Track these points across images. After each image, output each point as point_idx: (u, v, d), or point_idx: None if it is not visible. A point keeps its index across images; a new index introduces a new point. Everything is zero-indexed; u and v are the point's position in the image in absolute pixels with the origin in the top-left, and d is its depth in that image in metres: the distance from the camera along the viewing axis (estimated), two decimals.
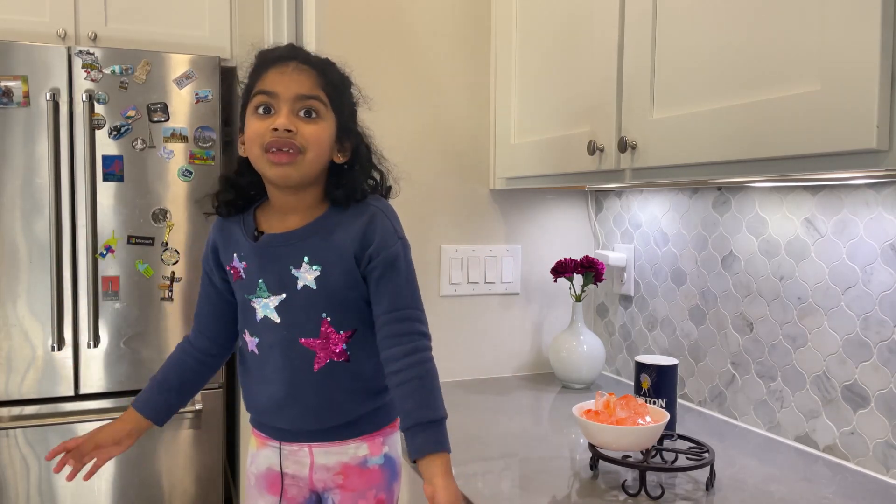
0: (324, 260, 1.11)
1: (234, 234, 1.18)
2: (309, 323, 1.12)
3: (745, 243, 1.47)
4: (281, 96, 1.07)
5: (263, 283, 1.13)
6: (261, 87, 1.08)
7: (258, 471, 1.21)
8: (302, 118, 1.08)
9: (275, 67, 1.09)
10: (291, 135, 1.06)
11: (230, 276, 1.18)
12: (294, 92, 1.07)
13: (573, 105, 1.45)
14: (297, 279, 1.11)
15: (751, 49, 1.01)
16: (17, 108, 2.25)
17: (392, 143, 1.72)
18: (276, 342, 1.14)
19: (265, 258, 1.13)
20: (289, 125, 1.05)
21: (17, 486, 2.29)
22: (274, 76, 1.08)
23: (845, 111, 0.86)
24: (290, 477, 1.19)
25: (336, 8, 1.68)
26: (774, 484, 1.16)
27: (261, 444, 1.21)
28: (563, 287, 1.90)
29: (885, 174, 1.00)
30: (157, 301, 2.42)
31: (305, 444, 1.17)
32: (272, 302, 1.13)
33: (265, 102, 1.08)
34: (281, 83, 1.07)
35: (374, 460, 1.18)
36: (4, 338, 2.28)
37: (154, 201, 2.40)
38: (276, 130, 1.05)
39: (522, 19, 1.65)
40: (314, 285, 1.11)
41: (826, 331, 1.30)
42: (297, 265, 1.11)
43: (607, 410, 1.17)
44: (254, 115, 1.09)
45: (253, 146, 1.09)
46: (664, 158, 1.18)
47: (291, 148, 1.06)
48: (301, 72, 1.08)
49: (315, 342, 1.12)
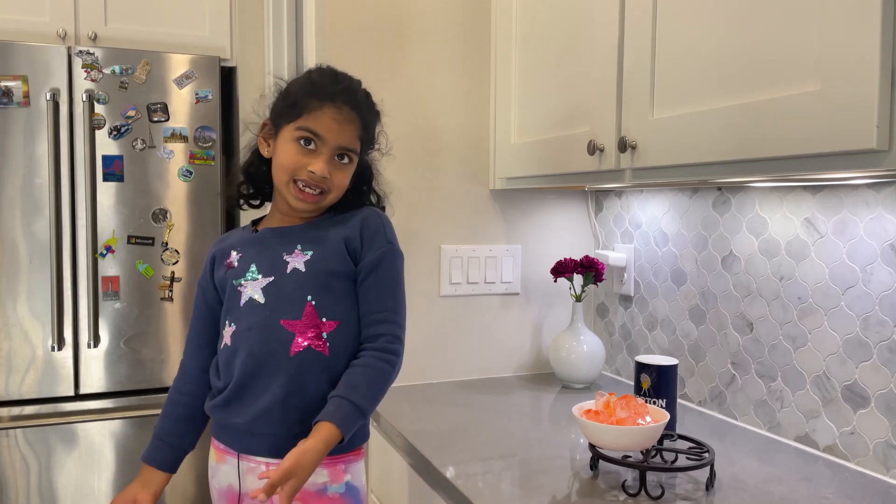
0: (315, 246, 1.17)
1: (233, 236, 1.26)
2: (293, 305, 1.14)
3: (745, 243, 1.47)
4: (327, 142, 1.14)
5: (255, 266, 1.18)
6: (310, 126, 1.13)
7: (219, 486, 1.21)
8: (336, 162, 1.16)
9: (330, 108, 1.13)
10: (325, 181, 1.14)
11: (224, 273, 1.21)
12: (339, 143, 1.14)
13: (573, 105, 1.45)
14: (287, 263, 1.16)
15: (751, 49, 1.01)
16: (17, 108, 2.25)
17: (392, 143, 1.73)
18: (255, 324, 1.14)
19: (261, 246, 1.20)
20: (325, 173, 1.13)
21: (17, 486, 2.29)
22: (327, 121, 1.13)
23: (845, 111, 0.86)
24: (248, 498, 1.16)
25: (336, 8, 1.68)
26: (774, 484, 1.16)
27: (220, 457, 1.20)
28: (563, 287, 1.90)
29: (885, 174, 1.00)
30: (157, 301, 2.42)
31: (263, 459, 1.14)
32: (260, 283, 1.16)
33: (311, 139, 1.14)
34: (331, 130, 1.13)
35: (334, 488, 1.15)
36: (4, 338, 2.27)
37: (154, 201, 2.40)
38: (313, 174, 1.13)
39: (522, 20, 1.65)
40: (303, 268, 1.16)
41: (826, 331, 1.30)
42: (290, 252, 1.17)
43: (607, 410, 1.17)
44: (293, 143, 1.14)
45: (283, 172, 1.15)
46: (664, 158, 1.18)
47: (320, 190, 1.15)
48: (351, 122, 1.15)
49: (296, 324, 1.13)
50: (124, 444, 2.40)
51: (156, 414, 2.38)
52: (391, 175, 1.71)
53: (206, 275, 1.25)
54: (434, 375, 1.80)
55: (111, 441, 2.39)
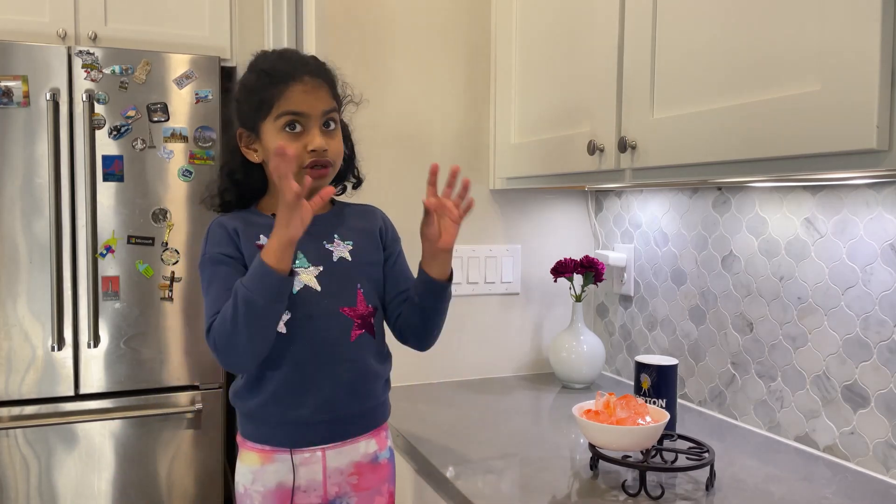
0: (353, 237, 1.21)
1: (253, 220, 1.17)
2: (348, 292, 1.18)
3: (745, 243, 1.47)
4: (312, 115, 1.12)
5: (303, 254, 1.16)
6: (289, 108, 1.11)
7: (266, 489, 1.15)
8: (327, 132, 1.14)
9: (296, 85, 1.12)
10: (326, 153, 1.13)
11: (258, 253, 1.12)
12: (320, 109, 1.13)
13: (573, 105, 1.45)
14: (331, 252, 1.18)
15: (751, 49, 1.01)
16: (17, 108, 2.25)
17: (392, 143, 1.74)
18: (315, 313, 1.14)
19: None
20: (324, 145, 1.12)
21: (17, 486, 2.29)
22: (298, 95, 1.11)
23: (845, 111, 0.86)
24: (301, 491, 1.16)
25: (336, 8, 1.68)
26: (774, 484, 1.16)
27: (266, 458, 1.15)
28: (563, 287, 1.90)
29: (885, 174, 1.00)
30: (157, 301, 2.42)
31: (318, 447, 1.16)
32: (312, 272, 1.16)
33: (295, 121, 1.12)
34: (307, 103, 1.12)
35: (382, 454, 1.22)
36: (4, 338, 2.27)
37: (154, 201, 2.40)
38: (315, 151, 1.12)
39: (522, 19, 1.65)
40: (349, 257, 1.19)
41: (826, 331, 1.30)
42: (330, 240, 1.19)
43: (607, 410, 1.17)
44: (283, 133, 1.12)
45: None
46: (664, 158, 1.18)
47: (327, 164, 1.14)
48: (319, 87, 1.13)
49: (353, 311, 1.17)
50: (124, 444, 2.40)
51: (156, 414, 2.41)
52: (391, 175, 1.73)
53: (232, 247, 1.14)
54: (434, 375, 1.80)
55: (111, 441, 2.39)
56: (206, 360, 2.48)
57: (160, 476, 2.45)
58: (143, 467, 2.43)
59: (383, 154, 1.73)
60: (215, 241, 1.15)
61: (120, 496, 2.41)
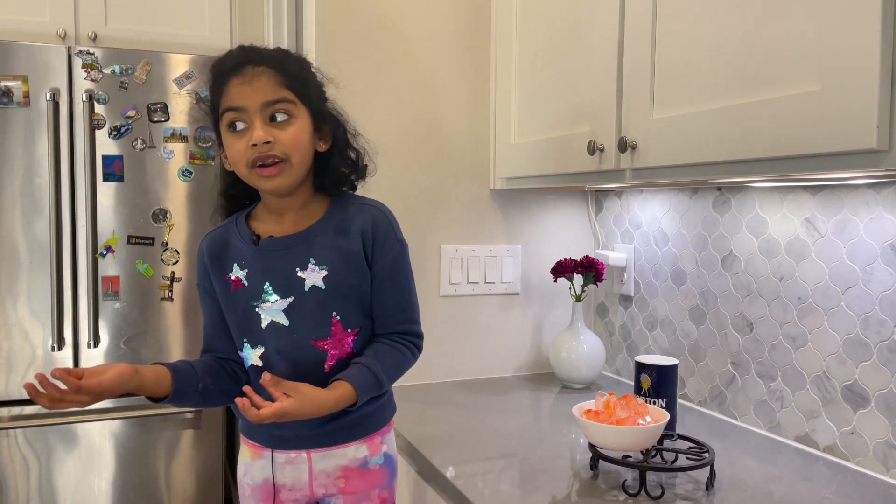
0: (330, 260, 1.11)
1: (230, 244, 1.16)
2: (319, 324, 1.11)
3: (745, 243, 1.47)
4: (249, 109, 1.05)
5: (270, 286, 1.11)
6: (227, 104, 1.06)
7: (254, 482, 1.19)
8: (276, 124, 1.06)
9: (233, 78, 1.06)
10: (271, 146, 1.05)
11: (226, 288, 1.15)
12: (260, 101, 1.05)
13: (573, 105, 1.45)
14: (303, 280, 1.11)
15: (751, 49, 1.01)
16: (17, 108, 2.25)
17: (392, 143, 1.74)
18: (283, 347, 1.12)
19: (269, 261, 1.12)
20: (265, 137, 1.04)
21: (17, 486, 2.29)
22: (235, 89, 1.05)
23: (845, 111, 0.86)
24: (286, 489, 1.17)
25: (336, 8, 1.68)
26: (774, 484, 1.16)
27: (254, 454, 1.19)
28: (563, 287, 1.90)
29: (885, 174, 1.00)
30: (157, 301, 2.42)
31: (303, 450, 1.15)
32: (280, 305, 1.11)
33: (235, 119, 1.06)
34: (243, 95, 1.05)
35: (374, 460, 1.18)
36: (4, 338, 2.28)
37: (154, 201, 2.40)
38: (255, 146, 1.04)
39: (522, 19, 1.65)
40: (323, 285, 1.11)
41: (826, 331, 1.30)
42: (303, 266, 1.11)
43: (607, 410, 1.17)
44: (229, 133, 1.08)
45: (239, 165, 1.09)
46: (664, 158, 1.18)
47: (275, 159, 1.06)
48: (259, 76, 1.05)
49: (326, 342, 1.12)
50: (124, 444, 2.40)
51: (156, 414, 2.41)
52: (391, 175, 1.72)
53: (206, 278, 1.17)
54: (434, 375, 1.80)
55: (111, 441, 2.39)
56: None
57: (160, 476, 2.45)
58: (143, 467, 2.43)
59: (382, 154, 1.73)
60: (197, 268, 1.21)
61: (120, 496, 2.41)
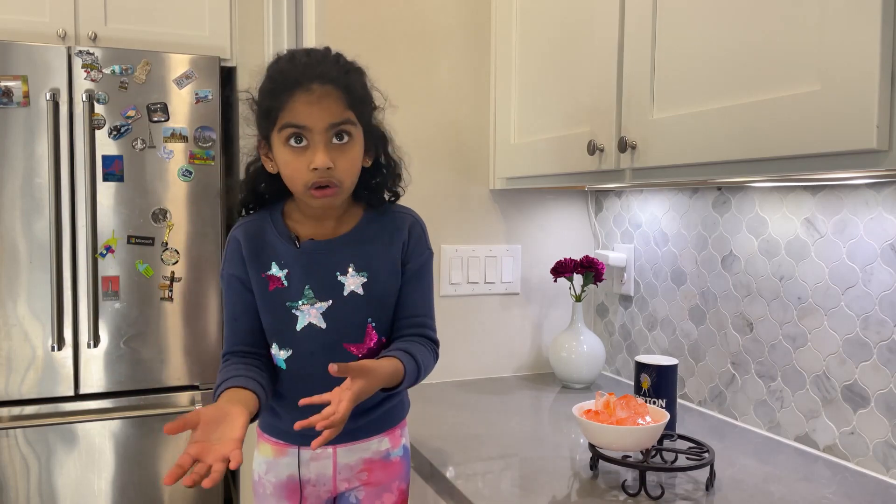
0: (370, 267, 1.13)
1: (268, 241, 1.14)
2: (355, 328, 1.13)
3: (745, 243, 1.47)
4: (314, 129, 1.03)
5: (310, 289, 1.12)
6: (290, 120, 1.03)
7: (277, 479, 1.19)
8: (336, 146, 1.05)
9: (300, 94, 1.02)
10: (331, 172, 1.04)
11: (263, 286, 1.13)
12: (327, 122, 1.03)
13: (573, 105, 1.45)
14: (343, 285, 1.12)
15: (751, 49, 1.01)
16: (17, 108, 2.25)
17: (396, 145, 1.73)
18: (318, 349, 1.12)
19: (310, 264, 1.12)
20: (328, 163, 1.03)
21: (17, 486, 2.29)
22: (301, 107, 1.02)
23: (845, 111, 0.86)
24: (310, 484, 1.18)
25: (335, 8, 1.68)
26: (774, 484, 1.16)
27: (279, 451, 1.19)
28: (563, 287, 1.90)
29: (885, 174, 1.00)
30: (157, 301, 2.42)
31: (329, 446, 1.17)
32: (319, 308, 1.12)
33: (297, 134, 1.04)
34: (310, 115, 1.02)
35: (395, 452, 1.21)
36: (4, 338, 2.28)
37: (154, 201, 2.40)
38: (317, 170, 1.03)
39: (522, 19, 1.65)
40: (361, 291, 1.13)
41: (826, 331, 1.30)
42: (343, 271, 1.12)
43: (607, 410, 1.17)
44: (286, 147, 1.05)
45: (295, 182, 1.07)
46: (664, 158, 1.18)
47: (332, 184, 1.06)
48: (327, 96, 1.03)
49: (358, 347, 1.14)
50: (124, 444, 2.40)
51: (156, 414, 2.41)
52: None
53: (241, 267, 1.13)
54: (434, 375, 1.80)
55: (111, 441, 2.39)
56: (206, 360, 2.48)
57: (160, 476, 2.45)
58: (143, 467, 2.43)
59: None
60: (228, 257, 1.16)
61: (120, 496, 2.41)
